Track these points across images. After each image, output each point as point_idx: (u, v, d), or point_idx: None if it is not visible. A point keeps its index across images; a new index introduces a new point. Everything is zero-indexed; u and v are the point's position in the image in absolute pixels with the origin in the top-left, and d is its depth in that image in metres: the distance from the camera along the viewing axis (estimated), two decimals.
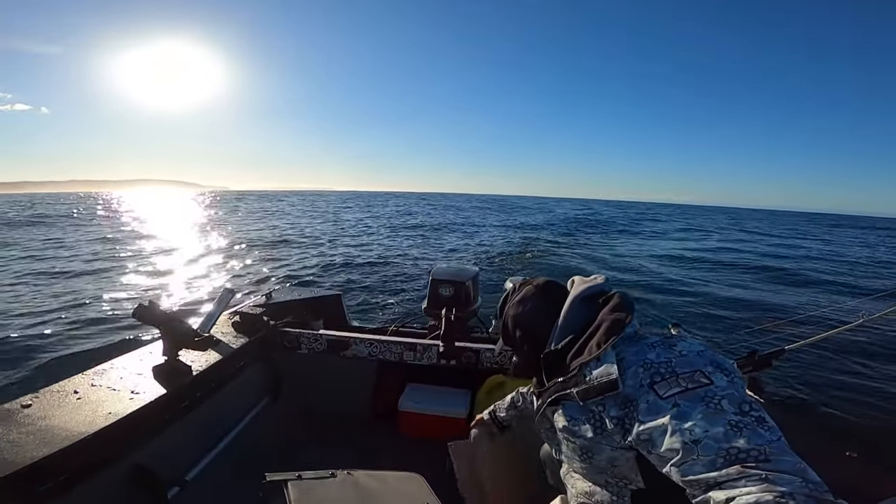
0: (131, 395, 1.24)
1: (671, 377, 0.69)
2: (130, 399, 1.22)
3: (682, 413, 0.65)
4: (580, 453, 0.87)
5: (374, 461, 1.16)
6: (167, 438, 1.30)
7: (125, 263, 10.29)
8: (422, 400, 2.12)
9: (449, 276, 2.47)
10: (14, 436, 0.98)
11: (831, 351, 5.46)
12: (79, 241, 14.65)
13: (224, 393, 1.61)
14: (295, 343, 2.07)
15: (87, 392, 1.22)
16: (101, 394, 1.23)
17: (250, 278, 8.87)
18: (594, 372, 0.79)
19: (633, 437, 0.71)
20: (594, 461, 0.84)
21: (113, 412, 1.14)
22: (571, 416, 0.86)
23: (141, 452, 1.20)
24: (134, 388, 1.27)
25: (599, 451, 0.82)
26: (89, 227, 20.05)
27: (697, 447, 0.61)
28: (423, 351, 2.02)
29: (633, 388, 0.73)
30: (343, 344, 2.05)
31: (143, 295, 7.17)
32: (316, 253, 12.45)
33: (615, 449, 0.79)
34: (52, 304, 6.34)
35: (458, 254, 13.35)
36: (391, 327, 2.72)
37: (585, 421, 0.83)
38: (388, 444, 2.06)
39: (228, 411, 1.66)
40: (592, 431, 0.81)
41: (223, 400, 1.60)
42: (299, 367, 2.09)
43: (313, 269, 9.92)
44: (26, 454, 0.92)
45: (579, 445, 0.86)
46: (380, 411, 2.23)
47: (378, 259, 11.24)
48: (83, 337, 5.08)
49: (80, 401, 1.17)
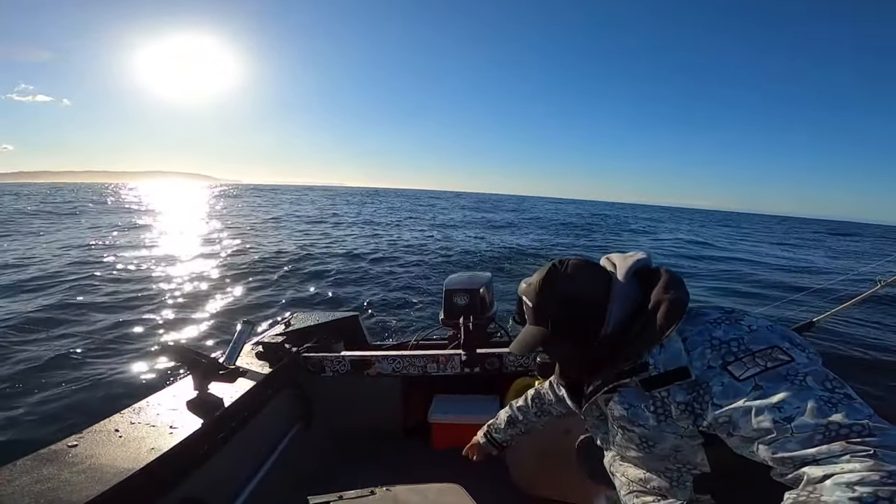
0: (170, 429, 1.27)
1: (746, 356, 0.65)
2: (170, 434, 1.25)
3: (766, 393, 0.61)
4: (639, 442, 0.82)
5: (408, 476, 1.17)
6: (209, 470, 1.32)
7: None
8: (450, 410, 2.12)
9: (462, 285, 2.49)
10: (65, 476, 1.01)
11: (856, 318, 5.37)
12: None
13: (257, 422, 1.63)
14: (319, 367, 2.09)
15: (128, 430, 1.26)
16: (141, 430, 1.26)
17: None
18: (658, 358, 0.73)
19: (709, 420, 0.67)
20: (655, 450, 0.80)
21: (155, 447, 1.17)
22: (630, 403, 0.80)
23: (185, 486, 1.22)
24: (171, 424, 1.30)
25: (662, 439, 0.78)
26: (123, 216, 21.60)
27: (790, 424, 0.57)
28: (445, 361, 2.03)
29: (701, 371, 0.68)
30: (366, 363, 2.07)
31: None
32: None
33: (680, 437, 0.75)
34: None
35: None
36: (411, 341, 2.73)
37: (646, 409, 0.77)
38: (420, 457, 2.06)
39: (263, 440, 1.69)
40: (655, 419, 0.76)
41: (257, 428, 1.62)
42: (326, 391, 2.11)
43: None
44: (80, 493, 0.95)
45: (639, 434, 0.81)
46: (409, 426, 2.23)
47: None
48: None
49: (122, 438, 1.21)
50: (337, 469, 2.01)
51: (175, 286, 7.68)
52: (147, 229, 16.76)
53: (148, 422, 1.31)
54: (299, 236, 15.73)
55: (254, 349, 2.01)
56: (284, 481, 1.66)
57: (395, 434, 2.23)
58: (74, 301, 6.58)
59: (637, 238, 22.79)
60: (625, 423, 0.83)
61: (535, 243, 16.33)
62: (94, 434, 1.22)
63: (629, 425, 0.82)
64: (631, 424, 0.81)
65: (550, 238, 18.89)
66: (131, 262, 9.60)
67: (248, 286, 7.95)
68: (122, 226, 17.75)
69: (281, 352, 1.97)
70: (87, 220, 20.11)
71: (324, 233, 17.23)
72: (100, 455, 1.11)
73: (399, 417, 2.24)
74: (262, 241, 13.70)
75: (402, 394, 2.23)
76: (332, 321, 2.63)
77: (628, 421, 0.82)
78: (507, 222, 26.55)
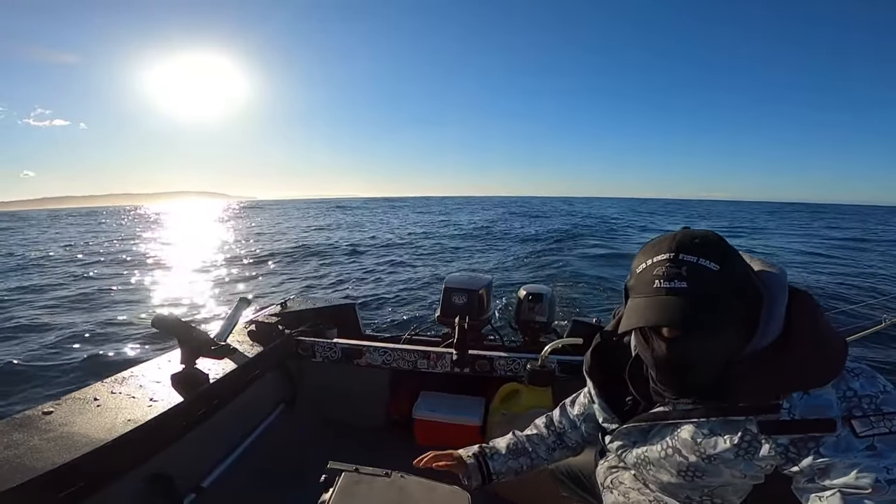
0: (150, 402, 1.26)
1: (875, 415, 0.61)
2: (149, 406, 1.24)
3: (880, 455, 0.59)
4: (684, 469, 0.75)
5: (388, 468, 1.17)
6: (184, 445, 1.31)
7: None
8: (436, 408, 2.11)
9: (462, 285, 2.47)
10: (35, 442, 1.00)
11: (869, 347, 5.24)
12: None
13: (240, 401, 1.62)
14: (310, 351, 2.08)
15: (107, 399, 1.25)
16: (120, 401, 1.25)
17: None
18: (797, 403, 0.64)
19: (803, 466, 0.63)
20: (699, 481, 0.74)
21: (132, 419, 1.16)
22: (711, 431, 0.70)
23: (159, 459, 1.21)
24: (152, 396, 1.30)
25: (717, 473, 0.71)
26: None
27: (891, 487, 0.56)
28: (436, 359, 2.02)
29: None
30: (357, 352, 2.06)
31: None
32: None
33: (743, 475, 0.69)
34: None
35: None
36: (405, 335, 2.72)
37: (729, 441, 0.69)
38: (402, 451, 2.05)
39: (245, 419, 1.68)
40: (734, 454, 0.68)
41: (239, 407, 1.61)
42: (314, 376, 2.11)
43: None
44: (47, 460, 0.94)
45: (691, 463, 0.73)
46: (394, 419, 2.23)
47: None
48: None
49: (100, 408, 1.20)
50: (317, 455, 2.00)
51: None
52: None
53: (129, 392, 1.30)
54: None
55: (247, 327, 2.00)
56: (259, 464, 1.65)
57: (378, 425, 2.23)
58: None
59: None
60: (682, 448, 0.73)
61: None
62: (72, 402, 1.21)
63: (687, 451, 0.73)
64: (690, 451, 0.72)
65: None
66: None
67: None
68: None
69: (274, 332, 1.96)
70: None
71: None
72: (73, 423, 1.10)
73: (384, 409, 2.23)
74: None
75: (390, 386, 2.22)
76: (328, 307, 2.62)
77: (692, 448, 0.72)
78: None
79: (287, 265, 12.20)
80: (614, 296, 8.39)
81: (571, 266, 11.46)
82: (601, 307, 7.38)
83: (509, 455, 1.06)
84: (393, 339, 2.64)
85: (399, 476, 1.02)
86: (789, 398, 0.65)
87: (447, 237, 19.39)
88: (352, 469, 0.99)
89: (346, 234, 20.35)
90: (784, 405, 0.65)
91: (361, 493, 0.94)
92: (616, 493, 0.91)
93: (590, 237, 19.22)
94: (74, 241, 21.54)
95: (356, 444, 2.08)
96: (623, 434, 0.86)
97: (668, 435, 0.76)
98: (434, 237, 19.28)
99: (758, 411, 0.66)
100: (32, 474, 0.90)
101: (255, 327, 1.96)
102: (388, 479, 1.00)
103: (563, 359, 1.99)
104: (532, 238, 18.51)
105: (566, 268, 11.25)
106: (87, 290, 8.66)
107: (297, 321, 2.26)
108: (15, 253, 16.03)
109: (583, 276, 9.99)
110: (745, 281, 0.68)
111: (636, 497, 0.86)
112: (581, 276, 9.93)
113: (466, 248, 15.41)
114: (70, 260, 13.81)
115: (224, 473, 1.43)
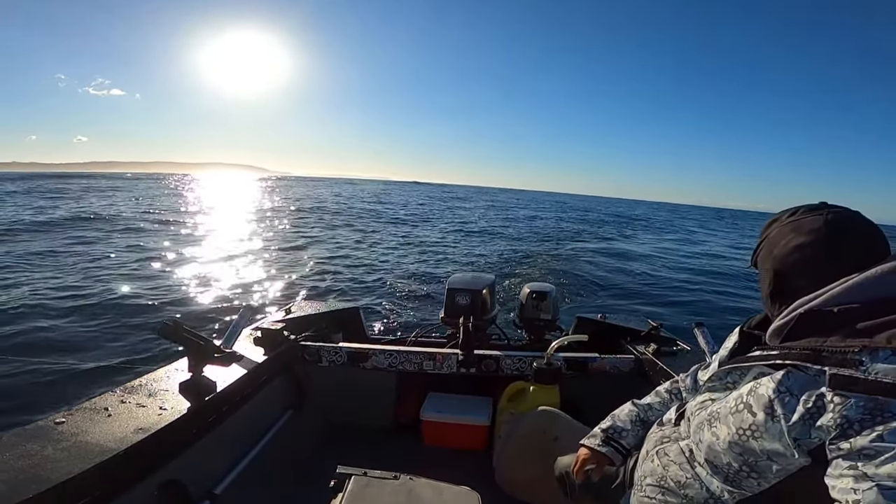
0: (160, 410, 1.27)
1: None
2: (159, 415, 1.25)
3: None
4: (746, 427, 0.72)
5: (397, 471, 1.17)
6: (196, 453, 1.32)
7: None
8: (443, 409, 2.11)
9: (465, 285, 2.47)
10: (48, 452, 1.01)
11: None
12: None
13: (248, 407, 1.63)
14: (315, 356, 2.09)
15: (118, 409, 1.26)
16: (130, 410, 1.26)
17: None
18: (880, 365, 0.60)
19: (851, 446, 0.59)
20: (750, 444, 0.71)
21: (143, 428, 1.16)
22: (788, 389, 0.67)
23: (171, 467, 1.22)
24: (162, 405, 1.30)
25: (771, 438, 0.67)
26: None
27: None
28: (442, 360, 2.02)
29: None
30: (363, 356, 2.06)
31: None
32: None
33: (789, 446, 0.65)
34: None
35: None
36: (410, 337, 2.73)
37: (803, 404, 0.64)
38: (411, 453, 2.06)
39: (253, 425, 1.69)
40: (801, 417, 0.64)
41: (248, 414, 1.62)
42: (321, 380, 2.11)
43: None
44: (61, 470, 0.95)
45: (755, 422, 0.70)
46: (402, 421, 2.23)
47: None
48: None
49: (111, 417, 1.20)
50: (326, 459, 2.01)
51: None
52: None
53: (139, 402, 1.31)
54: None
55: (252, 334, 2.01)
56: (270, 469, 1.66)
57: (386, 428, 2.23)
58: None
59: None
60: (754, 403, 0.71)
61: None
62: (83, 412, 1.22)
63: (758, 408, 0.70)
64: (761, 409, 0.69)
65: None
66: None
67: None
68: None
69: (279, 338, 1.97)
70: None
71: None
72: (86, 433, 1.11)
73: (392, 412, 2.24)
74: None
75: (396, 388, 2.22)
76: (332, 311, 2.63)
77: (764, 405, 0.69)
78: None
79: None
80: (616, 293, 8.38)
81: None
82: (604, 305, 7.38)
83: (635, 426, 1.11)
84: (398, 341, 2.65)
85: (408, 478, 1.02)
86: (874, 355, 0.61)
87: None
88: (361, 473, 1.00)
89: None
90: (865, 362, 0.61)
91: (371, 496, 0.95)
92: (657, 462, 0.91)
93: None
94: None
95: (365, 447, 2.09)
96: (718, 377, 0.85)
97: (747, 389, 0.74)
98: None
99: (837, 363, 0.63)
100: (47, 485, 0.90)
101: (260, 334, 1.97)
102: (397, 482, 1.00)
103: (569, 356, 1.99)
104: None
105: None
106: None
107: (301, 326, 2.27)
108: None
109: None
110: (782, 254, 0.77)
111: (675, 471, 0.86)
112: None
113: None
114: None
115: (236, 480, 1.44)
